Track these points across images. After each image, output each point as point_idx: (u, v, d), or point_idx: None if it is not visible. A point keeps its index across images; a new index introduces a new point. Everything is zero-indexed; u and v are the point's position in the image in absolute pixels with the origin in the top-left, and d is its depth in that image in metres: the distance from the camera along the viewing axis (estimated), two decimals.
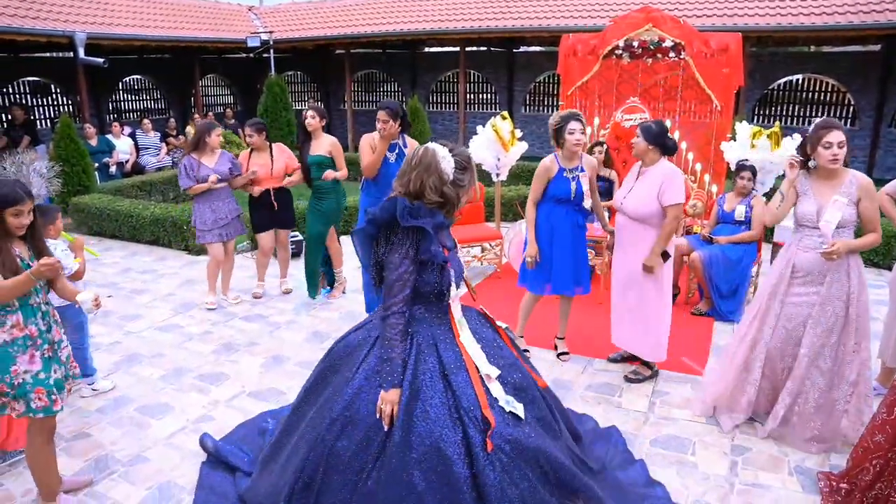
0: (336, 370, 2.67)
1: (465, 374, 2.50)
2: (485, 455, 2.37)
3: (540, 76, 16.41)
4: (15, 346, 2.80)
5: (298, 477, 2.54)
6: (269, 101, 12.85)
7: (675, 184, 3.97)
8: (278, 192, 5.83)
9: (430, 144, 2.55)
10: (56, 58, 14.54)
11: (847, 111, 13.75)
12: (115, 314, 5.74)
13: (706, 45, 6.31)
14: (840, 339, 3.48)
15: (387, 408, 2.40)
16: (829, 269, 3.43)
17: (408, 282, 2.45)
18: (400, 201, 2.45)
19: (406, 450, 2.37)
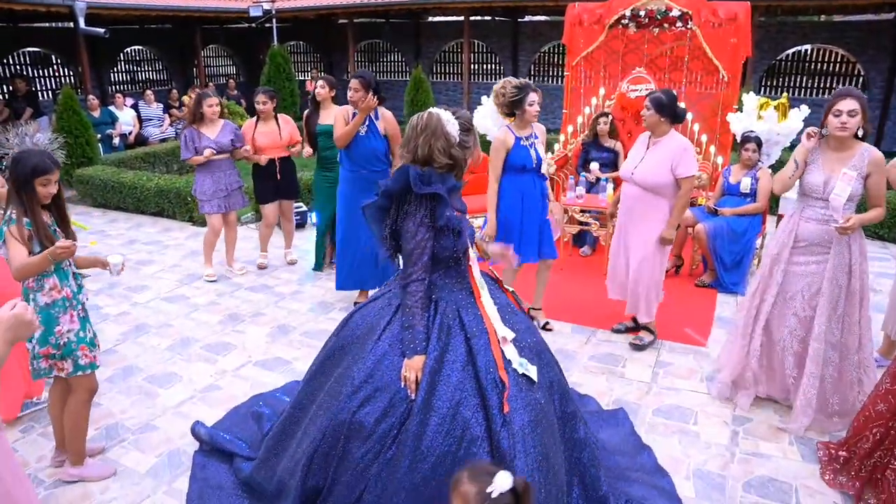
0: (355, 340, 2.65)
1: (485, 338, 2.51)
2: (501, 417, 2.37)
3: (545, 46, 16.21)
4: (56, 308, 2.93)
5: (317, 447, 2.52)
6: (272, 72, 12.77)
7: (688, 156, 4.01)
8: (282, 163, 5.84)
9: (433, 109, 2.55)
10: (56, 28, 14.41)
11: (857, 82, 13.57)
12: (121, 285, 5.78)
13: (714, 14, 6.21)
14: (846, 311, 3.46)
15: (411, 374, 2.41)
16: (831, 240, 3.40)
17: (425, 249, 2.46)
18: (411, 170, 2.44)
19: (428, 413, 2.38)
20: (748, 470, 3.26)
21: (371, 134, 4.75)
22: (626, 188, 4.31)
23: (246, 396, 3.93)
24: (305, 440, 2.63)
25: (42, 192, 2.87)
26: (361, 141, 4.74)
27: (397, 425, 2.42)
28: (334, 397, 2.54)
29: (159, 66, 17.09)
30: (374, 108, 4.72)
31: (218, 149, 5.52)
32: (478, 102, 7.24)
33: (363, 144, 4.74)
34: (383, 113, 4.84)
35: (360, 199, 4.69)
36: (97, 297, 5.52)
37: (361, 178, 4.77)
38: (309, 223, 7.62)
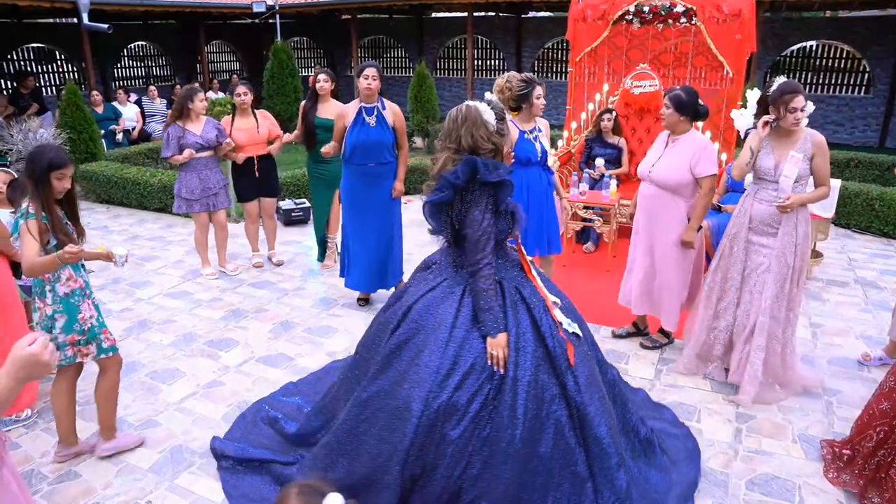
0: (425, 331, 2.68)
1: (542, 305, 2.74)
2: (570, 372, 2.64)
3: (548, 42, 16.17)
4: (75, 297, 3.09)
5: (413, 438, 2.54)
6: (275, 68, 12.74)
7: (709, 155, 3.92)
8: (261, 160, 5.75)
9: (469, 102, 2.72)
10: (60, 24, 14.40)
11: (862, 78, 13.51)
12: (124, 281, 5.79)
13: (718, 10, 6.18)
14: (790, 287, 3.71)
15: (500, 352, 2.56)
16: (781, 221, 3.64)
17: (491, 234, 2.62)
18: (478, 161, 2.58)
19: (517, 384, 2.55)
20: (751, 468, 3.25)
21: (380, 126, 4.68)
22: (642, 187, 4.22)
23: (249, 392, 3.93)
24: (392, 434, 2.60)
25: (57, 187, 2.97)
26: (371, 133, 4.64)
27: (490, 401, 2.55)
28: (419, 386, 2.58)
29: (163, 62, 17.09)
30: (375, 97, 4.66)
31: (206, 144, 5.45)
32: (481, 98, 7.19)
33: (373, 136, 4.64)
34: (390, 105, 4.79)
35: (368, 194, 4.74)
36: (100, 292, 5.53)
37: (368, 171, 4.70)
38: (311, 219, 7.59)
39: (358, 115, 4.65)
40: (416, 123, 12.09)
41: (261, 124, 5.75)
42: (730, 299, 3.86)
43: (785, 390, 3.84)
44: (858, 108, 13.34)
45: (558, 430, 2.60)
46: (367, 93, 4.62)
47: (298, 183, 8.05)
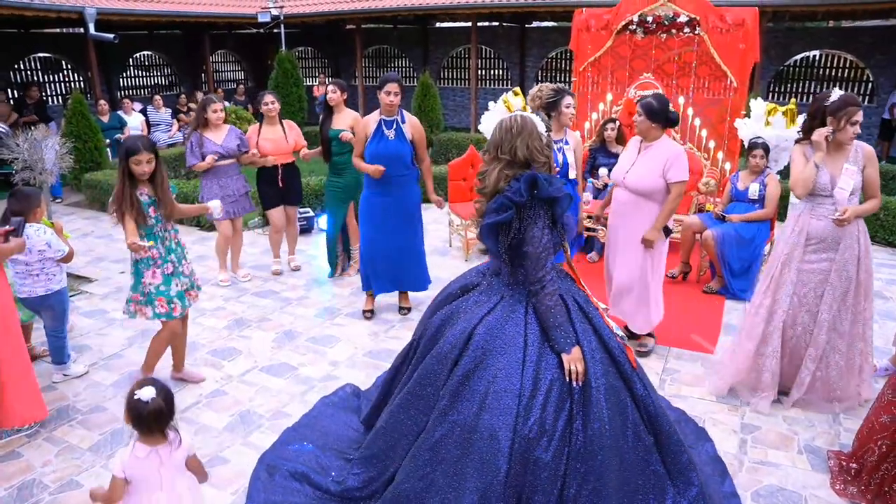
0: (495, 354, 2.58)
1: (596, 313, 2.76)
2: (634, 374, 2.68)
3: (552, 52, 16.22)
4: (142, 264, 3.74)
5: (508, 470, 2.44)
6: (280, 77, 12.82)
7: (680, 162, 3.99)
8: (286, 168, 5.81)
9: (521, 113, 2.67)
10: (66, 34, 14.52)
11: (865, 87, 13.50)
12: (127, 290, 5.77)
13: (722, 19, 6.20)
14: (854, 300, 3.63)
15: (578, 366, 2.54)
16: (842, 235, 3.57)
17: (550, 250, 2.58)
18: (538, 175, 2.52)
19: (596, 394, 2.53)
20: (757, 479, 3.23)
21: (399, 139, 4.67)
22: (617, 193, 4.29)
23: (252, 402, 3.93)
24: (483, 469, 2.47)
25: (136, 171, 3.51)
26: (390, 146, 4.64)
27: (575, 416, 2.52)
28: (503, 413, 2.48)
29: (168, 72, 17.19)
30: (395, 111, 4.65)
31: (225, 153, 5.52)
32: (485, 108, 7.23)
33: (391, 149, 4.63)
34: (409, 117, 4.80)
35: (382, 204, 4.74)
36: (104, 300, 5.54)
37: (384, 183, 4.68)
38: (315, 228, 7.62)
39: (378, 127, 4.66)
40: None
41: (288, 134, 5.79)
42: (776, 323, 3.72)
43: (843, 404, 3.75)
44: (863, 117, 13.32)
45: (636, 433, 2.63)
46: (389, 108, 4.62)
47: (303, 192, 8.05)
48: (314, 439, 3.39)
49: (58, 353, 4.16)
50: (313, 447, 3.32)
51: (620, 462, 2.56)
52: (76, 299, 5.54)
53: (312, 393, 4.02)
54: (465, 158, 6.98)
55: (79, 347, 4.65)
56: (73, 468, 3.31)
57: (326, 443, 3.34)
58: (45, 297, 3.97)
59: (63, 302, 4.11)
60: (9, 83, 13.41)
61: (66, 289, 4.17)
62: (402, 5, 14.19)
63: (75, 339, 4.78)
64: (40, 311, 4.08)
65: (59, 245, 3.96)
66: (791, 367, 3.80)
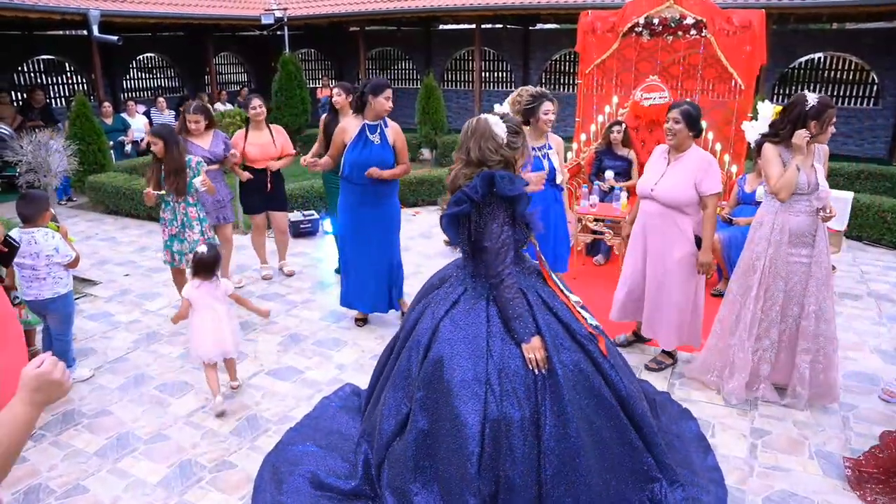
0: (461, 344, 2.71)
1: (563, 306, 2.85)
2: (605, 361, 2.78)
3: (556, 54, 16.21)
4: (161, 222, 4.94)
5: (481, 452, 2.57)
6: (284, 80, 12.81)
7: (713, 172, 3.87)
8: (273, 174, 5.72)
9: (482, 115, 2.79)
10: (70, 36, 14.52)
11: (870, 90, 13.47)
12: (132, 292, 5.78)
13: (728, 21, 6.16)
14: (828, 291, 3.79)
15: (536, 354, 2.63)
16: (817, 229, 3.70)
17: (509, 245, 2.69)
18: (495, 174, 2.62)
19: (566, 381, 2.63)
20: (768, 484, 3.20)
21: (383, 144, 4.60)
22: (644, 205, 4.13)
23: (258, 406, 3.91)
24: (457, 455, 2.60)
25: (154, 150, 4.69)
26: (374, 150, 4.56)
27: (546, 402, 2.61)
28: (472, 399, 2.60)
29: (172, 74, 17.21)
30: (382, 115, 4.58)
31: (213, 158, 5.40)
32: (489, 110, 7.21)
33: (375, 154, 4.55)
34: (392, 123, 4.71)
35: (364, 213, 4.68)
36: (109, 303, 5.53)
37: (368, 190, 4.59)
38: (320, 231, 7.60)
39: (361, 132, 4.55)
40: (423, 135, 12.10)
41: (275, 139, 5.72)
42: (772, 317, 3.82)
43: (835, 393, 3.87)
44: (867, 119, 13.30)
45: (613, 415, 2.74)
46: (385, 114, 4.55)
47: (307, 195, 8.05)
48: (317, 440, 3.41)
49: (62, 358, 4.09)
50: (317, 447, 3.33)
51: (598, 441, 2.67)
52: (80, 302, 5.53)
53: (319, 397, 3.99)
54: None
55: (84, 351, 4.63)
56: (80, 472, 3.29)
57: (329, 443, 3.35)
58: (51, 300, 3.95)
59: (69, 305, 4.09)
60: (12, 85, 13.43)
61: (72, 292, 4.15)
62: (406, 7, 14.19)
63: (80, 342, 4.76)
64: (46, 314, 4.06)
65: (66, 250, 3.95)
66: (787, 361, 3.90)
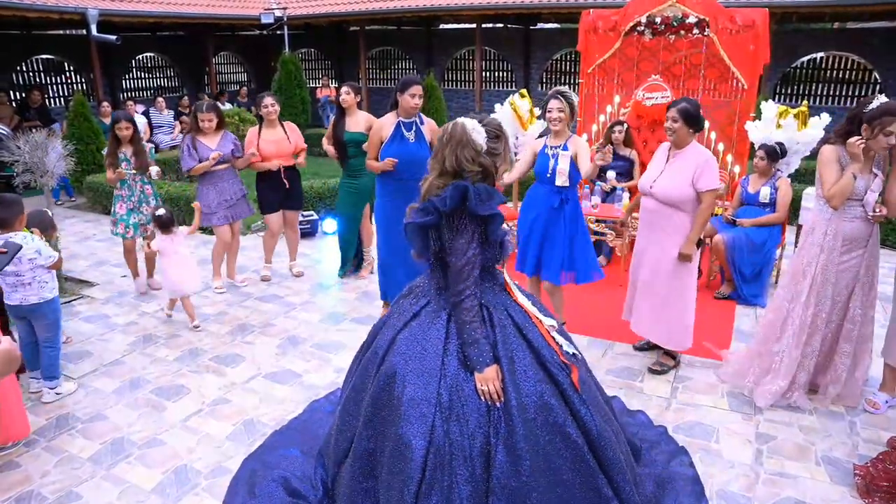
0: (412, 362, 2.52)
1: (536, 330, 2.61)
2: (576, 395, 2.53)
3: (556, 54, 16.14)
4: (117, 199, 5.57)
5: (420, 481, 2.35)
6: (283, 79, 12.76)
7: (710, 169, 3.81)
8: (288, 171, 5.70)
9: (459, 119, 2.54)
10: (69, 35, 14.47)
11: (873, 89, 13.39)
12: (129, 294, 5.72)
13: (731, 21, 6.11)
14: (873, 293, 3.80)
15: (490, 386, 2.40)
16: (871, 232, 3.67)
17: (476, 265, 2.46)
18: (469, 188, 2.39)
19: (522, 412, 2.41)
20: (774, 491, 3.14)
21: (419, 141, 4.55)
22: (644, 201, 4.12)
23: (256, 410, 3.85)
24: (397, 478, 2.40)
25: (120, 135, 5.39)
26: (411, 148, 4.51)
27: (502, 433, 2.40)
28: (419, 421, 2.39)
29: (171, 73, 17.15)
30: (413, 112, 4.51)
31: (221, 159, 5.41)
32: (490, 110, 7.16)
33: (413, 152, 4.49)
34: (428, 120, 4.68)
35: (403, 210, 4.60)
36: (105, 305, 5.47)
37: (406, 188, 4.46)
38: (319, 231, 7.55)
39: (396, 129, 4.51)
40: None
41: (289, 135, 5.69)
42: (817, 324, 3.79)
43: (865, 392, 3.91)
44: None
45: (577, 454, 2.47)
46: (413, 111, 4.49)
47: (305, 195, 7.97)
48: (300, 443, 3.34)
49: (51, 367, 3.97)
50: (300, 452, 3.26)
51: (556, 481, 2.42)
52: (77, 304, 5.47)
53: None
54: None
55: (79, 353, 4.57)
56: (73, 479, 3.23)
57: (313, 447, 3.27)
58: (38, 305, 3.83)
59: (56, 311, 3.98)
60: (11, 85, 13.37)
61: (59, 297, 4.05)
62: (406, 6, 14.14)
63: (75, 345, 4.71)
64: (31, 319, 3.91)
65: (48, 251, 3.83)
66: (823, 363, 3.90)
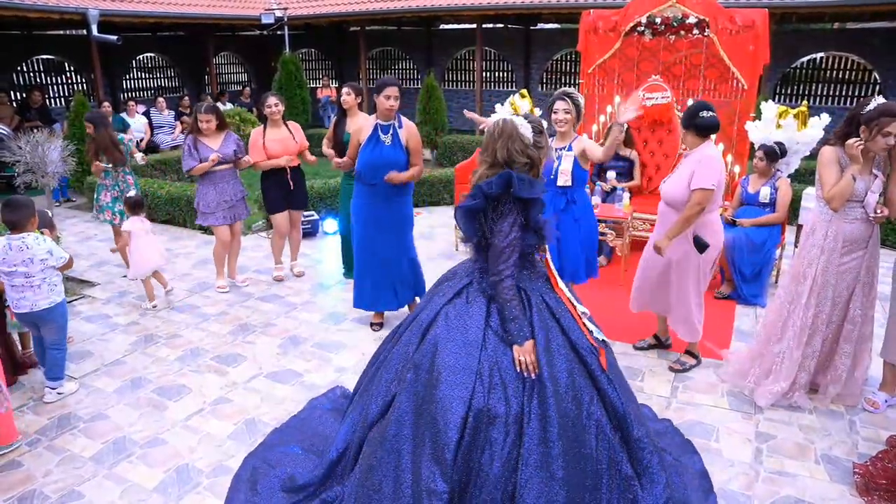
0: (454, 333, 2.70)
1: (569, 315, 2.79)
2: (605, 376, 2.70)
3: (557, 54, 16.15)
4: (101, 188, 6.16)
5: (458, 443, 2.51)
6: (284, 79, 12.76)
7: (703, 168, 3.81)
8: (293, 171, 5.72)
9: (507, 117, 2.77)
10: (69, 35, 14.47)
11: (873, 89, 13.40)
12: (130, 294, 5.74)
13: (731, 21, 6.11)
14: (873, 293, 3.81)
15: (527, 358, 2.60)
16: (871, 233, 3.68)
17: (516, 248, 2.66)
18: (513, 175, 2.61)
19: (555, 385, 2.58)
20: (774, 490, 3.15)
21: (395, 145, 4.52)
22: (660, 204, 4.21)
23: (257, 410, 3.86)
24: (436, 439, 2.54)
25: (88, 132, 6.12)
26: (385, 151, 4.48)
27: (532, 404, 2.56)
28: (459, 387, 2.57)
29: (171, 74, 17.15)
30: (392, 115, 4.48)
31: (222, 158, 5.42)
32: (490, 110, 7.18)
33: (387, 155, 4.48)
34: (407, 123, 4.63)
35: (377, 213, 4.64)
36: (107, 305, 5.48)
37: (378, 191, 4.54)
38: (320, 231, 7.56)
39: (373, 132, 4.49)
40: (424, 135, 12.04)
41: (294, 134, 5.70)
42: (817, 325, 3.80)
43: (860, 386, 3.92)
44: None
45: (600, 430, 2.63)
46: (388, 113, 4.45)
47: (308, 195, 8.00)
48: (300, 441, 3.38)
49: (56, 369, 3.98)
50: (300, 449, 3.29)
51: (577, 456, 2.56)
52: (78, 304, 5.49)
53: None
54: (471, 161, 6.92)
55: (81, 353, 4.58)
56: (75, 478, 3.24)
57: (312, 445, 3.31)
58: (49, 310, 3.83)
59: (65, 314, 4.00)
60: (12, 85, 13.37)
61: (66, 300, 4.06)
62: (407, 7, 14.14)
63: (77, 344, 4.72)
64: (42, 325, 3.90)
65: (60, 252, 3.86)
66: (823, 363, 3.91)
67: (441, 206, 8.65)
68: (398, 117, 4.56)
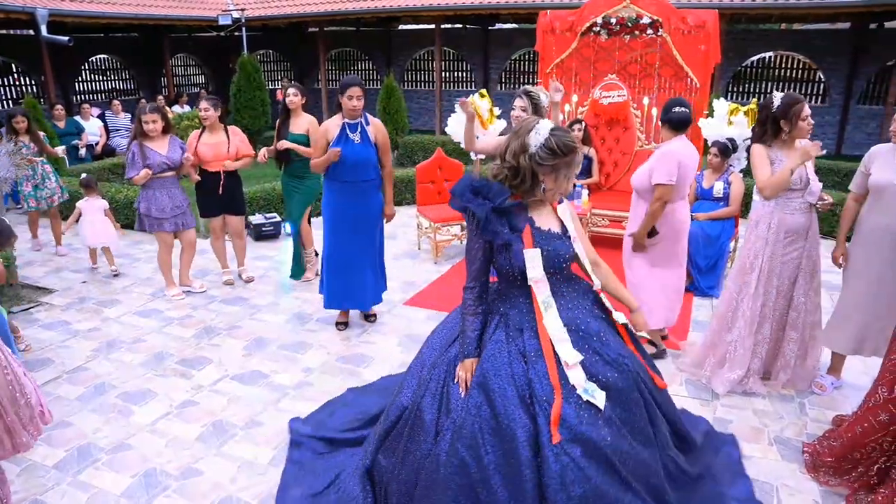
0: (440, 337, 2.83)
1: (542, 364, 2.41)
2: (550, 446, 2.29)
3: (515, 53, 16.33)
4: (23, 180, 6.54)
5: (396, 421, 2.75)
6: (242, 81, 12.62)
7: (660, 163, 3.95)
8: (227, 176, 5.58)
9: (543, 119, 2.45)
10: (17, 35, 14.07)
11: (818, 88, 13.92)
12: (91, 300, 5.64)
13: (683, 21, 6.31)
14: (815, 281, 3.95)
15: (463, 374, 2.53)
16: (811, 223, 3.81)
17: (476, 258, 2.50)
18: (471, 178, 2.46)
19: (479, 419, 2.40)
20: None
21: (364, 142, 4.54)
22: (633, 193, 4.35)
23: (224, 412, 3.85)
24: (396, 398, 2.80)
25: (17, 128, 6.56)
26: (356, 149, 4.50)
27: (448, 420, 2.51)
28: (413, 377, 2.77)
29: (126, 76, 16.80)
30: (359, 114, 4.50)
31: (171, 164, 5.29)
32: (450, 110, 7.25)
33: (358, 153, 4.50)
34: (373, 120, 4.65)
35: (348, 210, 4.67)
36: (66, 312, 5.38)
37: (351, 188, 4.57)
38: (283, 233, 7.52)
39: (342, 131, 4.50)
40: None
41: (231, 141, 5.58)
42: (765, 313, 3.92)
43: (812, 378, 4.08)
44: (815, 117, 13.64)
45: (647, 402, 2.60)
46: (354, 113, 4.46)
47: (268, 197, 7.95)
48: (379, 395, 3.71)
49: None
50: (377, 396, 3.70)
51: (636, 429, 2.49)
52: (35, 311, 5.37)
53: (286, 400, 3.96)
54: (432, 161, 6.97)
55: (40, 361, 4.50)
56: (38, 487, 3.20)
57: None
58: None
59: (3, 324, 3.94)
60: None
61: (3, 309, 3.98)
62: (365, 7, 14.13)
63: (35, 352, 4.63)
64: None
65: None
66: (772, 350, 4.04)
67: (403, 205, 8.68)
68: (364, 115, 4.58)
